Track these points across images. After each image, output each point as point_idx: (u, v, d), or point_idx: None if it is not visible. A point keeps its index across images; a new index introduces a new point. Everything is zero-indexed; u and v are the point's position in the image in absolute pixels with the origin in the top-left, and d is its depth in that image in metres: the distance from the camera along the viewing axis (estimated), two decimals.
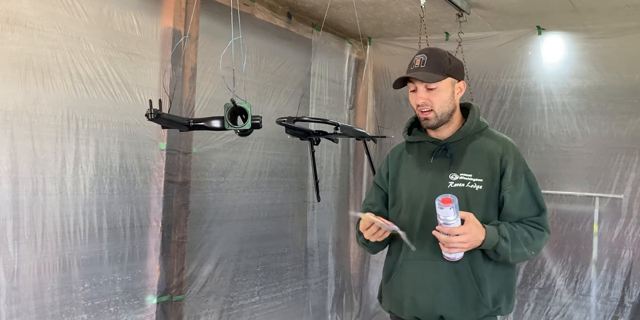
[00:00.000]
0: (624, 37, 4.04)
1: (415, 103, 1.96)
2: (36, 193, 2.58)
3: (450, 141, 1.99)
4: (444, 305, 1.90)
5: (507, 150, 1.96)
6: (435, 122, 1.95)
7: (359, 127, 4.47)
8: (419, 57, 1.94)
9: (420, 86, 1.93)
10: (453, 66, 1.96)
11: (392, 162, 2.11)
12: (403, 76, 1.94)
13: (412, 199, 1.99)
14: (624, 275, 4.03)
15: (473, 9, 3.92)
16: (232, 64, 2.15)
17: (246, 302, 3.81)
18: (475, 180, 1.91)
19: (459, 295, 1.89)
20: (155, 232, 3.15)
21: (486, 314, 1.90)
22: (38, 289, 2.59)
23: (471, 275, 1.89)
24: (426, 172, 1.98)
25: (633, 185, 4.03)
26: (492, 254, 1.87)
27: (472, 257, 1.89)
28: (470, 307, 1.89)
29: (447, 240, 1.76)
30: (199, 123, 2.30)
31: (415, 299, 1.95)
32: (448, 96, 1.95)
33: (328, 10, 3.92)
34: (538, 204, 1.95)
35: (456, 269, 1.89)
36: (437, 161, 1.97)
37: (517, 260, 1.92)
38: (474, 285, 1.88)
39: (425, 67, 1.91)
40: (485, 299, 1.89)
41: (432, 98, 1.92)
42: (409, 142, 2.10)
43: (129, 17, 2.99)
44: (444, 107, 1.94)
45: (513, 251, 1.85)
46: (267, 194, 3.99)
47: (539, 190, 1.97)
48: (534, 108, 4.37)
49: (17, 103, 2.50)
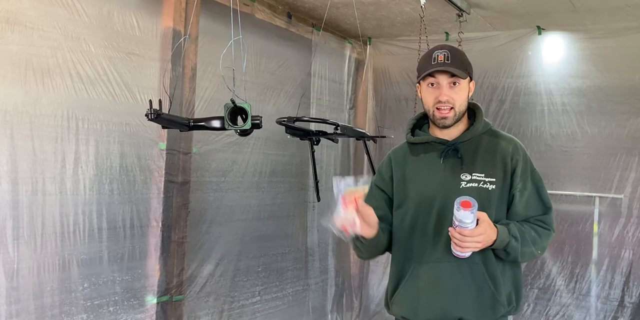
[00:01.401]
0: (624, 37, 4.04)
1: (436, 99, 1.89)
2: (36, 193, 2.58)
3: (459, 141, 1.95)
4: (463, 306, 1.87)
5: (516, 150, 1.94)
6: (453, 122, 1.91)
7: (359, 127, 4.47)
8: (442, 52, 1.89)
9: (445, 82, 1.88)
10: (470, 65, 1.95)
11: (396, 165, 2.04)
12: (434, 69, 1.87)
13: (424, 202, 1.93)
14: (623, 275, 4.02)
15: (473, 9, 3.91)
16: (232, 64, 2.15)
17: (247, 302, 3.81)
18: (488, 180, 1.88)
19: (476, 295, 1.87)
20: (155, 232, 3.15)
21: (503, 313, 1.89)
22: (37, 289, 2.59)
23: (486, 275, 1.87)
24: (436, 173, 1.93)
25: (633, 185, 4.03)
26: (502, 253, 1.85)
27: (485, 257, 1.87)
28: (488, 307, 1.87)
29: (461, 239, 1.73)
30: (199, 123, 2.30)
31: (432, 302, 1.90)
32: (466, 95, 1.93)
33: (328, 10, 3.92)
34: (544, 202, 1.94)
35: (471, 269, 1.87)
36: (447, 162, 1.93)
37: (525, 259, 1.92)
38: (489, 285, 1.87)
39: (451, 63, 1.87)
40: (502, 297, 1.87)
41: (454, 96, 1.88)
42: (412, 144, 2.03)
43: (129, 17, 2.99)
44: (462, 105, 1.92)
45: (522, 250, 1.84)
46: (267, 194, 3.99)
47: (545, 188, 1.96)
48: (534, 108, 4.37)
49: (17, 103, 2.50)
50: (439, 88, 1.89)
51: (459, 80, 1.88)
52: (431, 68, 1.88)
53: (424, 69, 1.91)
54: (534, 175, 1.95)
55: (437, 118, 1.91)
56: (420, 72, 1.93)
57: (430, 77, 1.90)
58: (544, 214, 1.94)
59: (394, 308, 2.03)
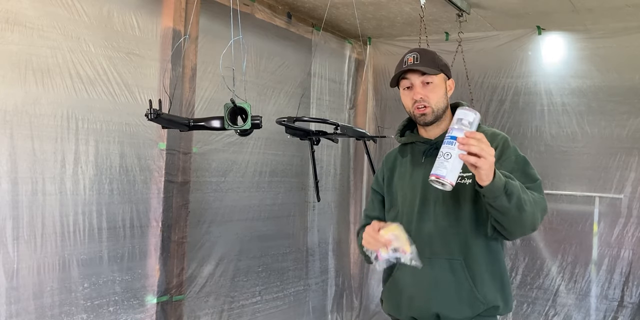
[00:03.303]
0: (624, 37, 4.04)
1: (412, 99, 1.95)
2: (36, 193, 2.58)
3: (441, 140, 1.95)
4: (440, 302, 1.89)
5: (494, 139, 1.91)
6: (432, 118, 1.95)
7: (359, 127, 4.47)
8: (411, 55, 1.96)
9: (417, 81, 1.93)
10: (443, 63, 2.00)
11: (387, 167, 2.13)
12: (402, 70, 1.93)
13: (407, 200, 2.00)
14: (623, 275, 4.02)
15: (473, 9, 3.91)
16: (232, 64, 2.15)
17: (247, 302, 3.81)
18: (465, 175, 1.87)
19: (454, 292, 1.89)
20: (155, 232, 3.15)
21: (482, 311, 1.89)
22: (37, 289, 2.59)
23: (465, 271, 1.88)
24: (419, 172, 1.99)
25: (633, 185, 4.03)
26: (502, 199, 1.63)
27: (467, 253, 1.89)
28: (466, 304, 1.88)
29: (465, 138, 1.56)
30: (199, 123, 2.30)
31: (412, 298, 1.95)
32: (443, 92, 1.96)
33: (328, 10, 3.92)
34: (530, 176, 1.85)
35: (451, 265, 1.89)
36: (428, 160, 1.96)
37: (525, 214, 1.69)
38: (468, 281, 1.88)
39: (420, 63, 1.93)
40: (481, 294, 1.88)
41: (429, 94, 1.93)
42: (402, 145, 2.11)
43: (129, 17, 2.99)
44: (439, 102, 1.95)
45: (523, 197, 1.67)
46: (267, 194, 3.99)
47: (531, 167, 1.88)
48: (534, 108, 4.37)
49: (17, 103, 2.50)
50: (413, 89, 1.94)
51: (431, 77, 1.93)
52: (401, 70, 1.94)
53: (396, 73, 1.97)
54: (518, 159, 1.88)
55: (417, 116, 1.96)
56: (394, 76, 1.98)
57: (404, 79, 1.96)
58: (531, 183, 1.83)
59: (384, 305, 2.10)
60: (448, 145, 1.61)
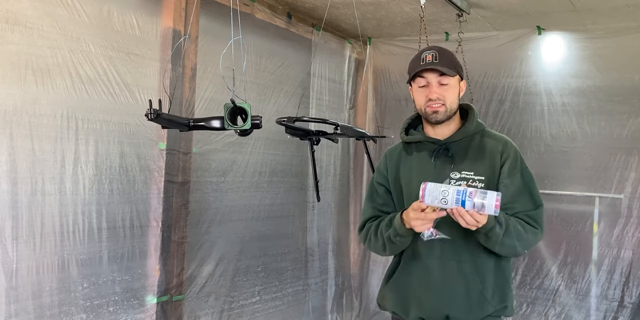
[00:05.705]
0: (624, 37, 4.04)
1: (427, 97, 1.93)
2: (35, 193, 2.58)
3: (451, 141, 1.98)
4: (451, 304, 1.89)
5: (506, 148, 1.96)
6: (444, 117, 1.95)
7: (359, 127, 4.47)
8: (430, 53, 1.93)
9: (434, 81, 1.92)
10: (459, 65, 2.00)
11: (391, 163, 2.09)
12: (421, 68, 1.91)
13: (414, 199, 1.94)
14: (623, 275, 4.02)
15: (473, 9, 3.91)
16: (232, 64, 2.15)
17: (247, 302, 3.81)
18: (477, 178, 1.90)
19: (464, 293, 1.89)
20: (155, 232, 3.15)
21: (491, 312, 1.90)
22: (37, 289, 2.59)
23: (475, 273, 1.89)
24: (427, 172, 1.97)
25: (633, 185, 4.03)
26: (482, 238, 1.83)
27: (475, 254, 1.89)
28: (476, 305, 1.89)
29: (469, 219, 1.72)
30: (199, 123, 2.30)
31: (422, 299, 1.94)
32: (457, 93, 1.97)
33: (328, 10, 3.92)
34: (533, 198, 1.93)
35: (461, 267, 1.89)
36: (438, 161, 1.96)
37: (504, 252, 1.88)
38: (477, 282, 1.88)
39: (439, 62, 1.91)
40: (490, 295, 1.89)
41: (444, 93, 1.93)
42: (407, 143, 2.08)
43: (128, 17, 2.99)
44: (453, 103, 1.95)
45: (503, 240, 1.81)
46: (267, 194, 3.99)
47: (535, 186, 1.96)
48: (534, 108, 4.37)
49: (17, 103, 2.50)
50: (429, 87, 1.93)
51: (448, 79, 1.92)
52: (420, 68, 1.92)
53: (414, 70, 1.96)
54: (525, 173, 1.95)
55: (428, 113, 1.95)
56: (410, 73, 1.97)
57: (420, 77, 1.95)
58: (533, 210, 1.92)
59: (386, 302, 2.07)
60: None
